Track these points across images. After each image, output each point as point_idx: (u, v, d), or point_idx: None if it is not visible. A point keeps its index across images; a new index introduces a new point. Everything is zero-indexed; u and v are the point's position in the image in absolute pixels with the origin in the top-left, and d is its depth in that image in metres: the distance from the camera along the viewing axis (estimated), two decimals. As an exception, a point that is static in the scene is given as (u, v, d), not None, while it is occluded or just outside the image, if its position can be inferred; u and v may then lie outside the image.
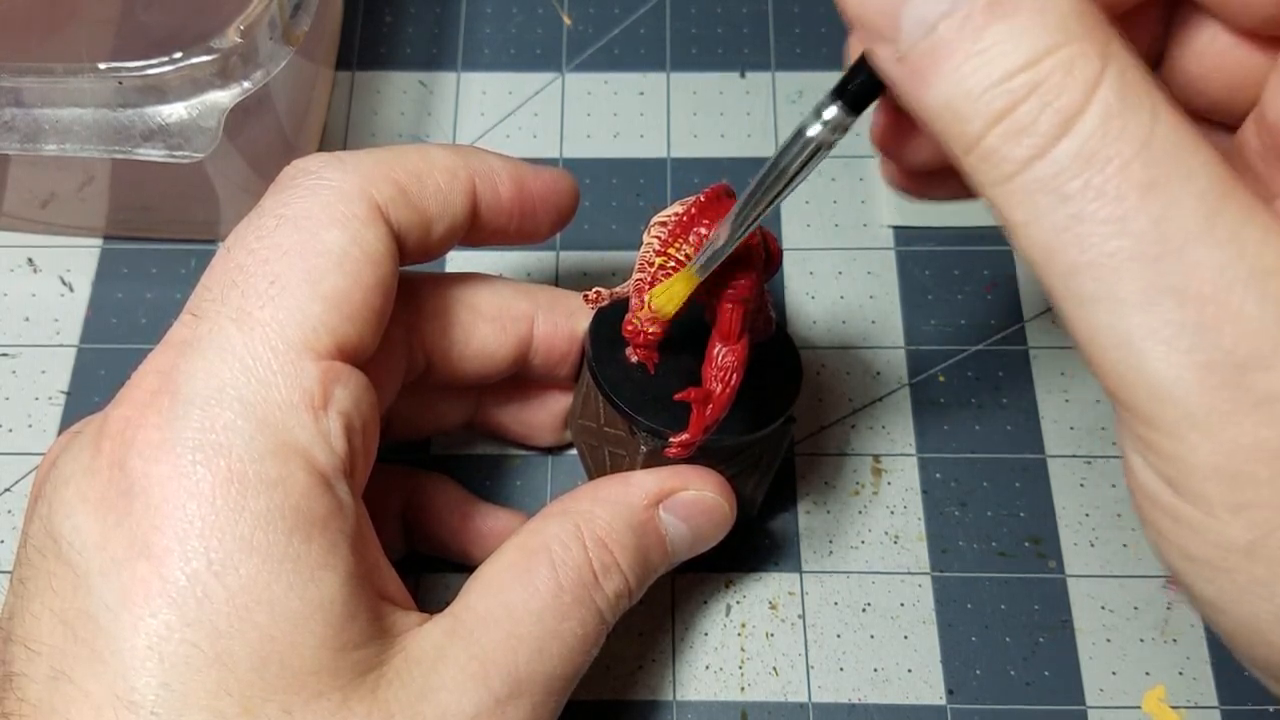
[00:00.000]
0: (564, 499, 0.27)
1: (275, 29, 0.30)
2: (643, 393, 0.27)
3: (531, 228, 0.28)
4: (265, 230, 0.23)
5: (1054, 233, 0.17)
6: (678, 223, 0.25)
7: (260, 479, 0.21)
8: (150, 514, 0.21)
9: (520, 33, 0.41)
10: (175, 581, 0.20)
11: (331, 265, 0.23)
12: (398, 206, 0.24)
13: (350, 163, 0.24)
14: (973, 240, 0.37)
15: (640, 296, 0.25)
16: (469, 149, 0.26)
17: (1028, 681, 0.30)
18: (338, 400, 0.22)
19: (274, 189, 0.24)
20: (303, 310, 0.22)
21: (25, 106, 0.30)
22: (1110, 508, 0.33)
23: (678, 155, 0.38)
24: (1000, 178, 0.17)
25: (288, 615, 0.21)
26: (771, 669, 0.31)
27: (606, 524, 0.26)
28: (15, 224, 0.37)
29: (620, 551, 0.25)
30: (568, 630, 0.24)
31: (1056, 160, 0.16)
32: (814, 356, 0.35)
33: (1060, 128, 0.16)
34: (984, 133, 0.17)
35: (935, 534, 0.32)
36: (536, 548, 0.25)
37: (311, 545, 0.21)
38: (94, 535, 0.21)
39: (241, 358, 0.22)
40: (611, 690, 0.30)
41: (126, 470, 0.21)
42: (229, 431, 0.21)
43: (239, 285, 0.22)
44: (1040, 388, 0.34)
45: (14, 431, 0.34)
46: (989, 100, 0.17)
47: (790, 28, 0.41)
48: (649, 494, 0.26)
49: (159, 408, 0.21)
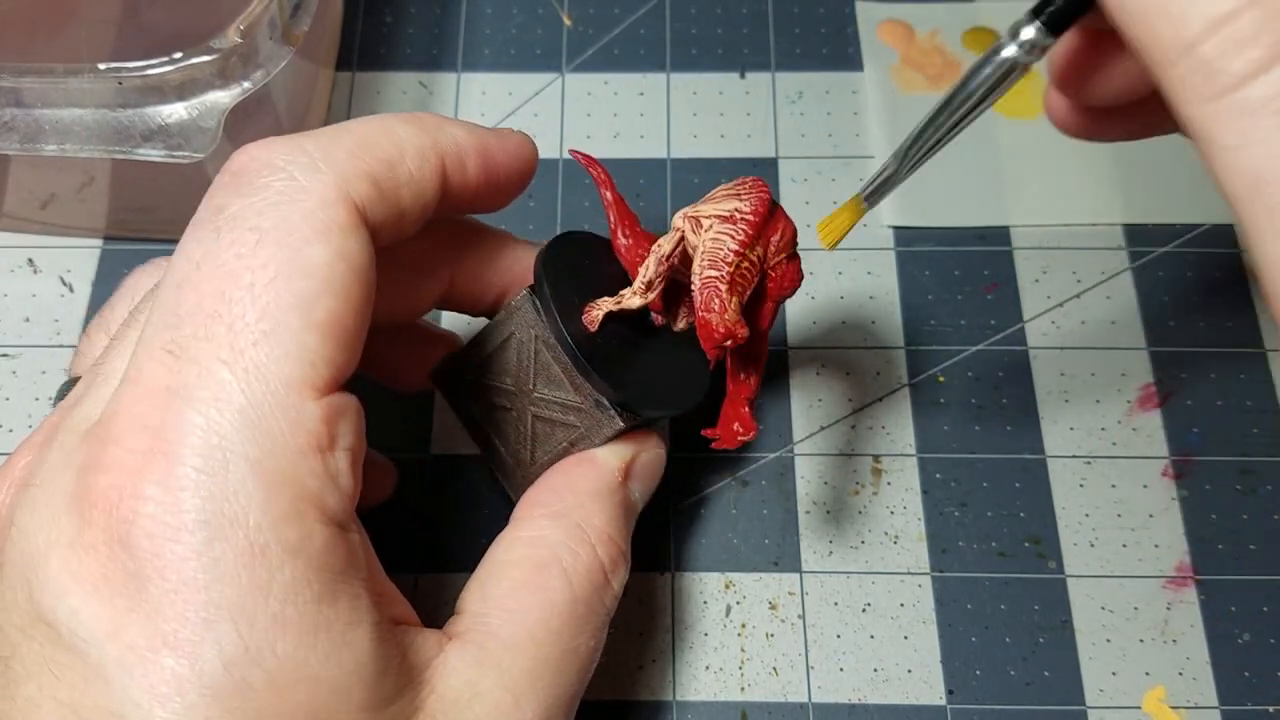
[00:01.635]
0: (544, 495, 0.26)
1: (275, 29, 0.31)
2: (615, 365, 0.26)
3: (494, 199, 0.26)
4: (244, 247, 0.20)
5: (1267, 160, 0.15)
6: (752, 224, 0.25)
7: (282, 547, 0.19)
8: (170, 600, 0.19)
9: (520, 33, 0.41)
10: (210, 673, 0.19)
11: (321, 287, 0.20)
12: (374, 204, 0.22)
13: (319, 156, 0.22)
14: (973, 240, 0.37)
15: (719, 296, 0.24)
16: (431, 120, 0.24)
17: (1028, 681, 0.30)
18: (342, 437, 0.21)
19: (236, 187, 0.21)
20: (298, 344, 0.20)
21: (25, 106, 0.30)
22: (1110, 508, 0.33)
23: (677, 155, 0.38)
24: (1212, 94, 0.15)
25: (327, 686, 0.20)
26: (771, 669, 0.31)
27: (605, 517, 0.26)
28: (15, 224, 0.37)
29: (623, 539, 0.26)
30: (583, 645, 0.24)
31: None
32: (814, 356, 0.35)
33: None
34: (1201, 40, 0.15)
35: (935, 534, 0.32)
36: (546, 560, 0.25)
37: (338, 606, 0.20)
38: (103, 624, 0.19)
39: (241, 408, 0.20)
40: (611, 690, 0.30)
41: (132, 550, 0.19)
42: (241, 497, 0.19)
43: (224, 318, 0.20)
44: (1040, 388, 0.34)
45: (14, 431, 0.34)
46: (1212, 2, 0.15)
47: (790, 28, 0.41)
48: (621, 471, 0.27)
49: (156, 475, 0.19)
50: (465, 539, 0.32)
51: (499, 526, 0.33)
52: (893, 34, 0.40)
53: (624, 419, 0.26)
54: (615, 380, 0.26)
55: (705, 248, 0.25)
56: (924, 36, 0.40)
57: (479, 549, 0.32)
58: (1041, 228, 0.37)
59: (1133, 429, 0.34)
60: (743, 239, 0.25)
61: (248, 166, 0.21)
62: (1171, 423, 0.34)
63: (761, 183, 0.26)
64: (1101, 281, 0.36)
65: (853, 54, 0.40)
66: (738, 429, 0.26)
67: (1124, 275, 0.36)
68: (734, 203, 0.25)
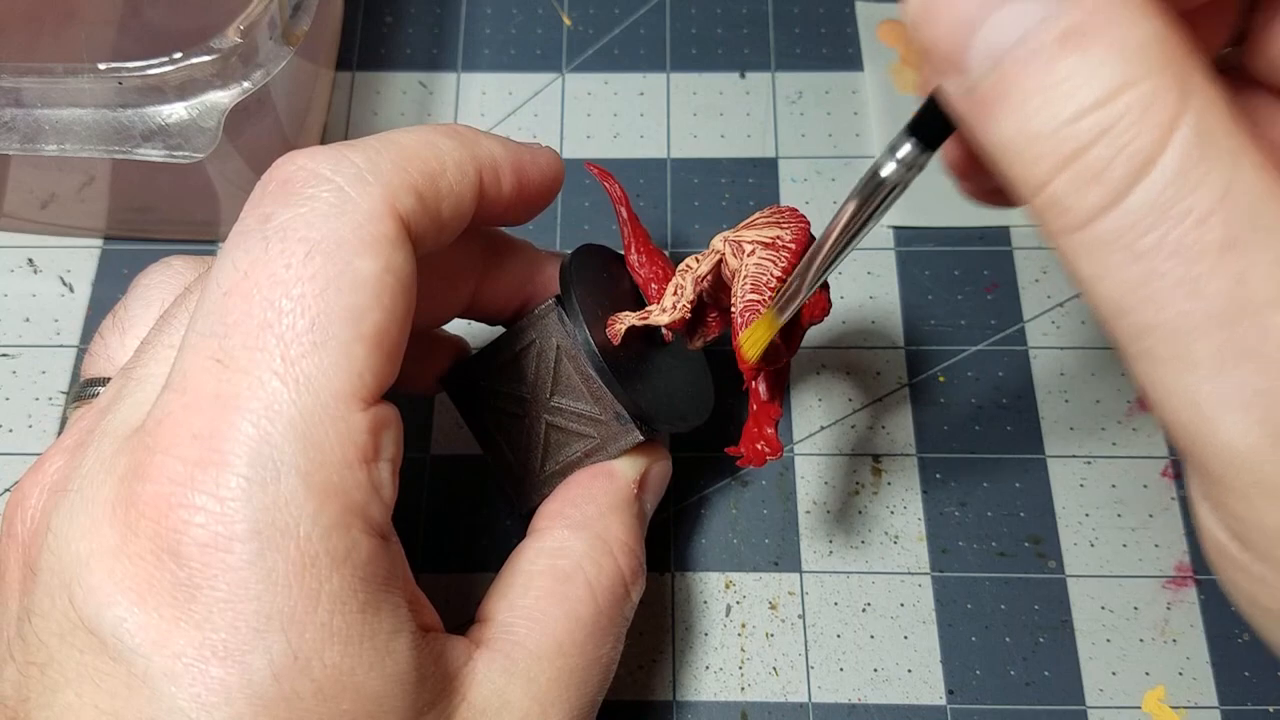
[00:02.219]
0: (564, 507, 0.27)
1: (275, 29, 0.31)
2: (635, 379, 0.27)
3: (524, 212, 0.27)
4: (294, 258, 0.20)
5: (1124, 290, 0.15)
6: (794, 253, 0.25)
7: (331, 557, 0.20)
8: (221, 609, 0.19)
9: (520, 33, 0.41)
10: (260, 682, 0.19)
11: (370, 300, 0.21)
12: (418, 217, 0.22)
13: (367, 169, 0.22)
14: (973, 240, 0.37)
15: (760, 317, 0.25)
16: (469, 134, 0.25)
17: (1028, 681, 0.30)
18: (385, 448, 0.21)
19: (285, 197, 0.21)
20: (348, 356, 0.20)
21: (25, 106, 0.30)
22: (1110, 508, 0.33)
23: (678, 155, 0.38)
24: (1067, 227, 0.16)
25: (371, 696, 0.20)
26: (771, 669, 0.31)
27: (625, 528, 0.26)
28: (15, 224, 0.37)
29: (640, 550, 0.26)
30: (605, 654, 0.25)
31: (1129, 212, 0.15)
32: (814, 356, 0.35)
33: (1133, 175, 0.15)
34: (1051, 177, 0.16)
35: (935, 534, 0.32)
36: (571, 571, 0.25)
37: (381, 615, 0.20)
38: (150, 633, 0.19)
39: (291, 419, 0.20)
40: (612, 690, 0.30)
41: (182, 560, 0.19)
42: (292, 508, 0.19)
43: (274, 329, 0.20)
44: (1040, 388, 0.34)
45: (14, 431, 0.34)
46: (1057, 141, 0.15)
47: (790, 28, 0.41)
48: (635, 483, 0.27)
49: (207, 485, 0.19)
50: (465, 539, 0.32)
51: (500, 527, 0.33)
52: (893, 34, 0.40)
53: (643, 432, 0.27)
54: (637, 394, 0.26)
55: (748, 272, 0.25)
56: (924, 36, 0.40)
57: (479, 549, 0.32)
58: (1041, 228, 0.37)
59: (1133, 429, 0.34)
60: (785, 266, 0.25)
61: (295, 176, 0.21)
62: (1171, 423, 0.34)
63: (799, 214, 0.26)
64: (1101, 281, 0.36)
65: (852, 54, 0.40)
66: (764, 449, 0.26)
67: (1124, 275, 0.36)
68: (777, 230, 0.25)
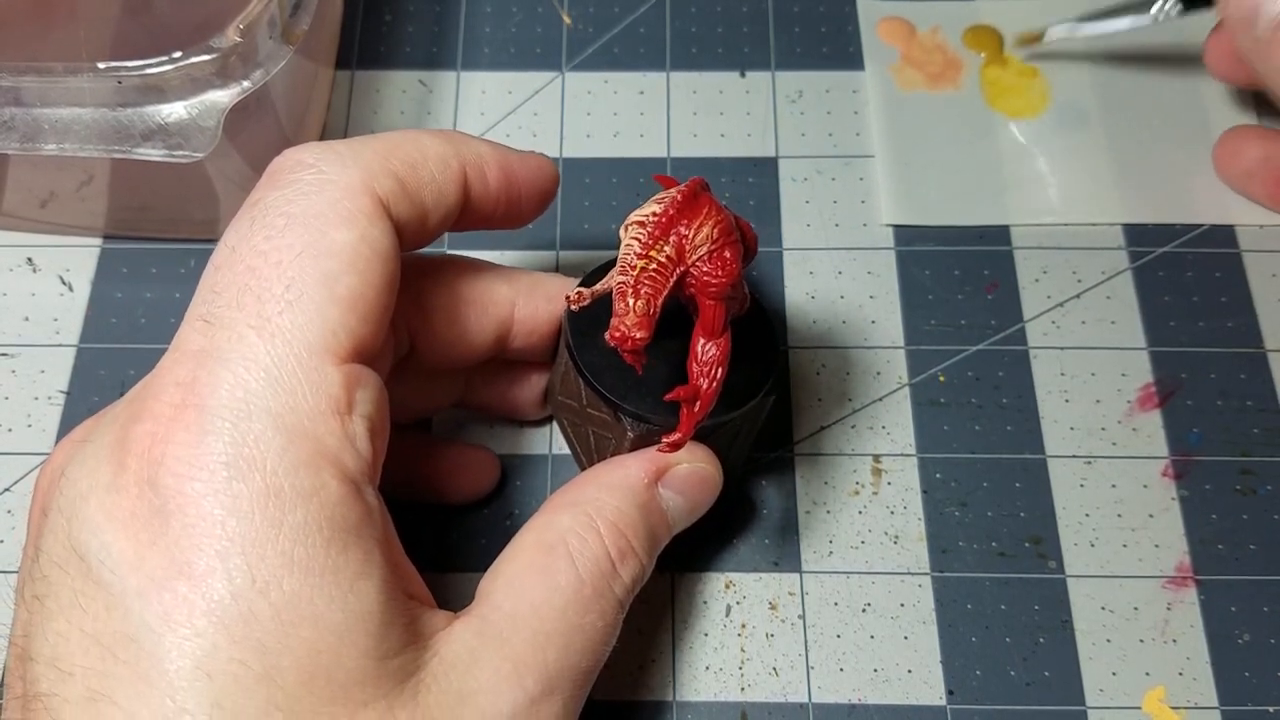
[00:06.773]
0: (568, 489, 0.27)
1: (275, 28, 0.30)
2: (625, 377, 0.27)
3: (516, 214, 0.28)
4: (274, 230, 0.23)
5: None
6: (657, 223, 0.24)
7: (296, 491, 0.21)
8: (188, 532, 0.20)
9: (520, 32, 0.41)
10: (220, 600, 0.20)
11: (345, 265, 0.23)
12: (397, 199, 0.24)
13: (348, 155, 0.24)
14: (973, 240, 0.37)
15: (624, 300, 0.24)
16: (457, 135, 0.26)
17: (1028, 682, 0.30)
18: (360, 403, 0.22)
19: (271, 182, 0.24)
20: (322, 314, 0.22)
21: (25, 106, 0.30)
22: (1110, 508, 0.33)
23: (678, 155, 0.38)
24: None
25: (331, 628, 0.21)
26: (771, 669, 0.31)
27: (616, 509, 0.26)
28: (15, 224, 0.37)
29: (633, 535, 0.26)
30: (589, 624, 0.25)
31: None
32: (814, 356, 0.35)
33: None
34: None
35: (935, 534, 0.32)
36: (554, 542, 0.25)
37: (349, 555, 0.21)
38: (127, 554, 0.20)
39: (266, 367, 0.21)
40: (611, 690, 0.30)
41: (159, 488, 0.21)
42: (261, 444, 0.21)
43: (254, 290, 0.22)
44: (1040, 388, 0.34)
45: (14, 431, 0.34)
46: None
47: (790, 28, 0.41)
48: (648, 474, 0.27)
49: (186, 423, 0.21)
50: (467, 539, 0.32)
51: (500, 527, 0.33)
52: (893, 32, 0.40)
53: (632, 428, 0.27)
54: (619, 393, 0.27)
55: (620, 254, 0.25)
56: (925, 35, 0.40)
57: (480, 549, 0.32)
58: (1041, 227, 0.37)
59: (1133, 429, 0.34)
60: (646, 241, 0.24)
61: (282, 165, 0.24)
62: (1171, 423, 0.34)
63: (690, 182, 0.25)
64: (1101, 281, 0.36)
65: (853, 53, 0.40)
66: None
67: (1124, 275, 0.36)
68: (652, 206, 0.25)
